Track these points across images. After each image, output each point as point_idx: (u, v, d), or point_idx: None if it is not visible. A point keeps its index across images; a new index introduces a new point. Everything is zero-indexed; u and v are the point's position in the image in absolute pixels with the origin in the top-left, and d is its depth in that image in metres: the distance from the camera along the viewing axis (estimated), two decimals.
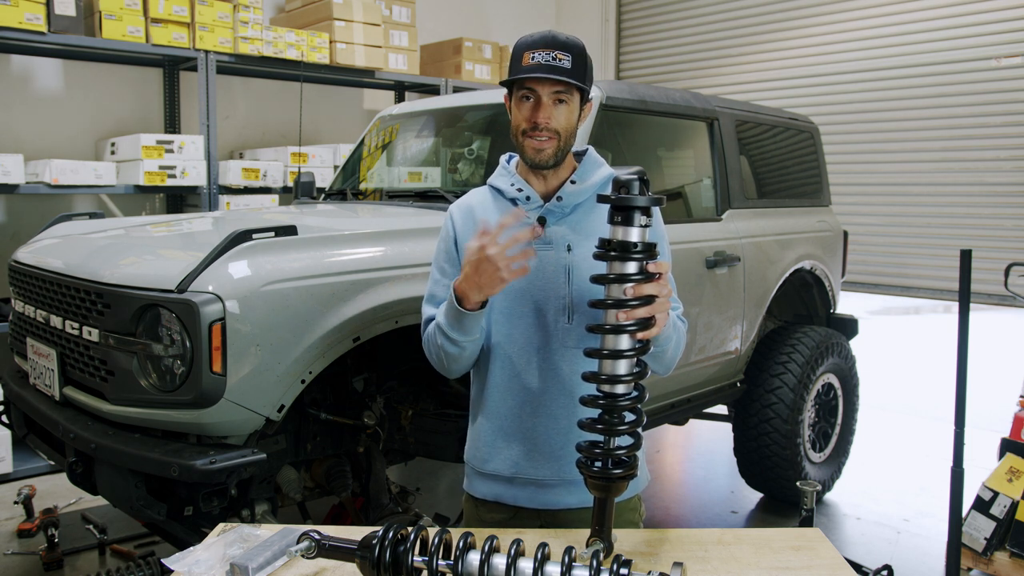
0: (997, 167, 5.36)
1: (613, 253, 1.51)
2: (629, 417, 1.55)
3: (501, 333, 1.83)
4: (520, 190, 1.84)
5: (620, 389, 1.55)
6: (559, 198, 1.82)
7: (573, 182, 1.84)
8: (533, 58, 1.74)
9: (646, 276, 1.52)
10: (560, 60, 1.73)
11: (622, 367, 1.53)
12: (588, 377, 1.58)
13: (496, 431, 1.86)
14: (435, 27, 6.91)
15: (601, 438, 1.55)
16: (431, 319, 1.84)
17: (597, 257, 1.57)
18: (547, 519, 1.86)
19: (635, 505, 1.93)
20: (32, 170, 4.52)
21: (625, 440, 1.58)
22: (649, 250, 1.52)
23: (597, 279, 1.56)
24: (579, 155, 1.91)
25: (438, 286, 1.88)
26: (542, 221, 1.82)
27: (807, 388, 4.05)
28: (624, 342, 1.54)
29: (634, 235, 1.50)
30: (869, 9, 5.91)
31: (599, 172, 1.87)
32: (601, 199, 1.55)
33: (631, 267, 1.52)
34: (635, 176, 1.49)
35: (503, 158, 1.94)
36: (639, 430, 1.60)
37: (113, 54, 4.97)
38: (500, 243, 1.59)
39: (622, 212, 1.50)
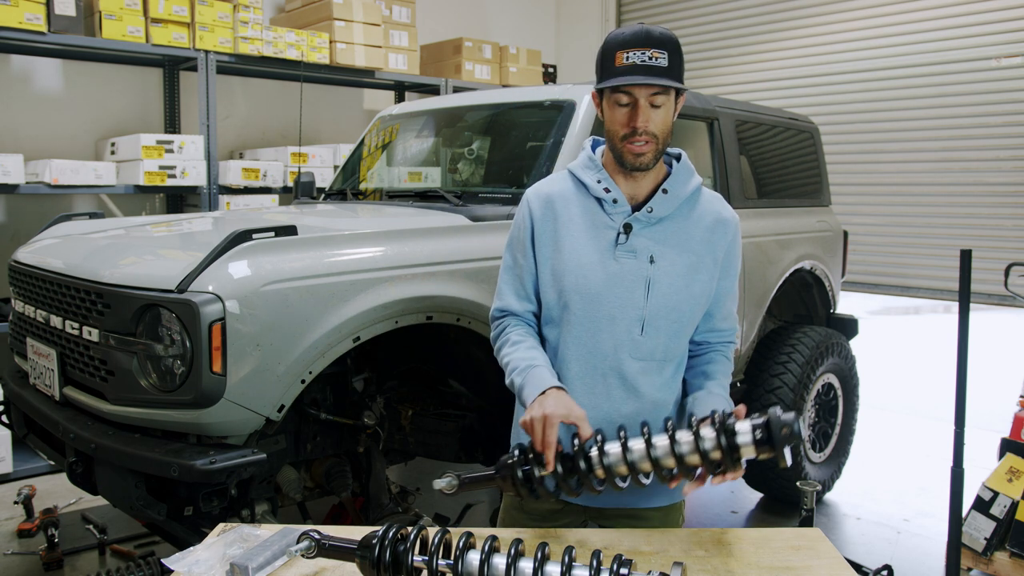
0: (997, 167, 5.36)
1: (723, 444, 1.48)
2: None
3: (570, 335, 1.79)
4: (608, 190, 1.77)
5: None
6: (650, 209, 1.76)
7: (665, 191, 1.77)
8: (627, 58, 1.66)
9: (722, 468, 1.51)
10: (656, 59, 1.66)
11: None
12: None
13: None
14: (435, 27, 6.91)
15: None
16: (501, 316, 1.86)
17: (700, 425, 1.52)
18: (592, 515, 1.89)
19: (680, 511, 1.99)
20: (32, 170, 4.52)
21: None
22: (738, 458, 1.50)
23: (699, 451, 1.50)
24: (671, 156, 1.85)
25: (508, 278, 1.86)
26: (627, 228, 1.76)
27: (807, 388, 4.05)
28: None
29: (750, 451, 1.48)
30: (869, 9, 5.91)
31: (691, 182, 1.81)
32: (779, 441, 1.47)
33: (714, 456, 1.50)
34: (793, 416, 1.46)
35: (587, 143, 1.86)
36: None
37: (113, 54, 4.97)
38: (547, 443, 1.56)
39: (769, 439, 1.47)
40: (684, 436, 1.51)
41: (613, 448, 1.55)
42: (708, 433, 1.49)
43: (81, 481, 2.45)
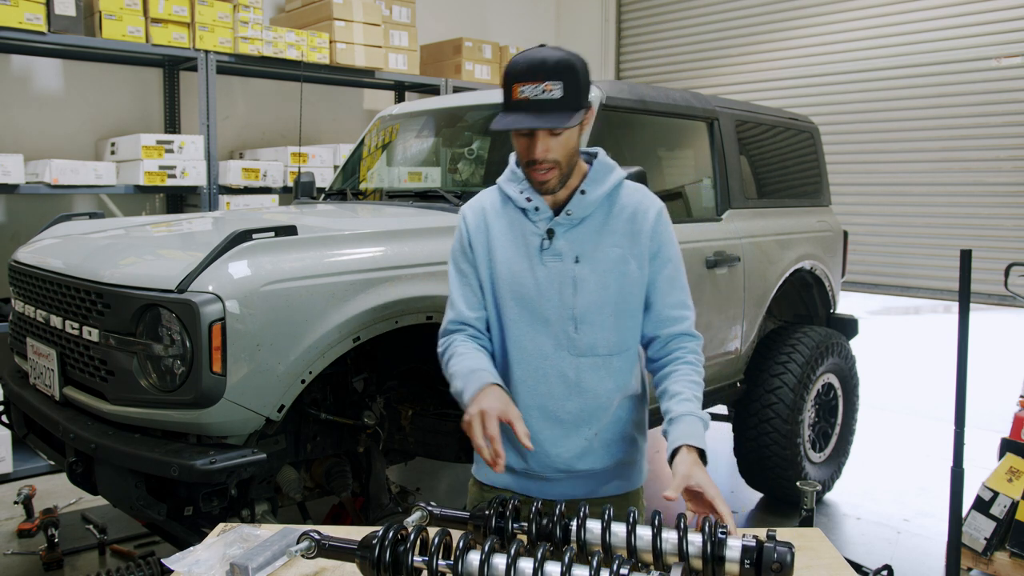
0: (997, 167, 5.36)
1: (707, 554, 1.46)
2: None
3: (511, 339, 1.87)
4: (529, 200, 1.83)
5: None
6: (568, 212, 1.82)
7: (583, 192, 1.82)
8: (522, 92, 1.69)
9: None
10: (550, 91, 1.67)
11: None
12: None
13: (506, 429, 1.84)
14: (435, 27, 6.91)
15: None
16: (451, 331, 1.90)
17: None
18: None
19: (638, 498, 1.99)
20: (32, 170, 4.52)
21: None
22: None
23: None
24: (590, 155, 1.88)
25: (457, 290, 1.91)
26: (551, 233, 1.82)
27: (807, 388, 4.05)
28: None
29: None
30: (869, 9, 5.91)
31: (610, 179, 1.85)
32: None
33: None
34: (788, 550, 1.44)
35: (512, 158, 1.91)
36: None
37: (113, 54, 4.97)
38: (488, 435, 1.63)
39: (757, 565, 1.44)
40: (670, 536, 1.48)
41: (594, 526, 1.52)
42: (696, 539, 1.46)
43: (81, 481, 2.45)
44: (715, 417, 4.55)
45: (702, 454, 1.74)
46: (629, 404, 1.94)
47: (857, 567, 3.16)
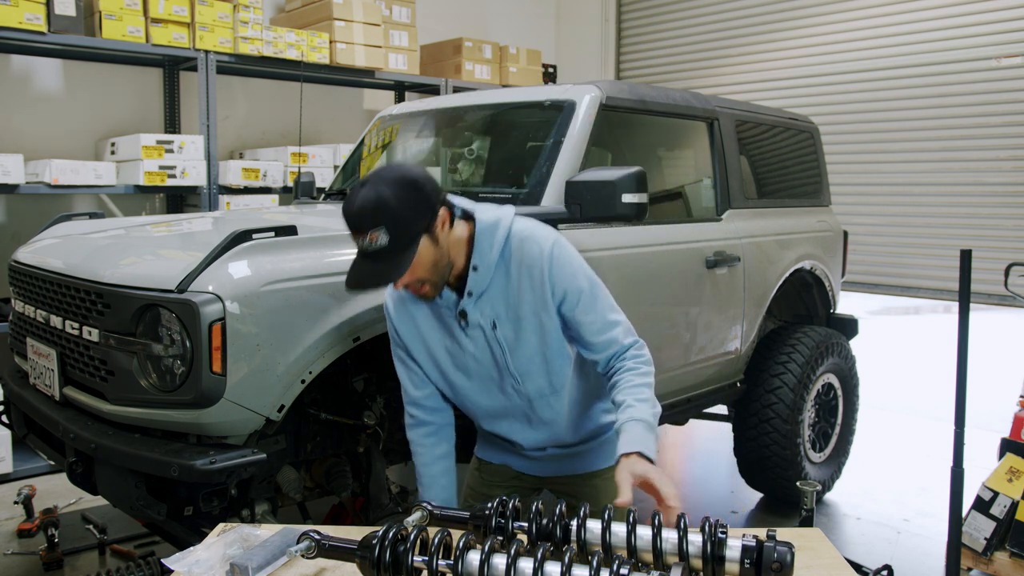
0: (997, 167, 5.36)
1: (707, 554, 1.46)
2: None
3: (467, 400, 2.08)
4: (440, 298, 1.93)
5: None
6: (469, 292, 1.90)
7: (475, 268, 1.89)
8: (357, 242, 1.76)
9: None
10: (376, 240, 1.72)
11: None
12: None
13: (491, 443, 2.21)
14: (435, 27, 6.91)
15: None
16: (411, 424, 2.14)
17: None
18: (547, 483, 2.20)
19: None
20: (32, 170, 4.52)
21: None
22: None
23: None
24: (468, 215, 1.91)
25: (403, 373, 2.14)
26: (463, 314, 1.93)
27: (807, 388, 4.05)
28: None
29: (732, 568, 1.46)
30: (869, 9, 5.91)
31: (496, 240, 1.88)
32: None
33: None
34: (788, 550, 1.44)
35: None
36: None
37: (113, 54, 4.97)
38: None
39: (756, 565, 1.44)
40: (670, 535, 1.49)
41: (594, 526, 1.54)
42: (696, 539, 1.47)
43: (81, 481, 2.45)
44: (715, 417, 4.56)
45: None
46: (580, 397, 2.10)
47: (857, 567, 3.16)
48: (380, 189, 1.72)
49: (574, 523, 1.54)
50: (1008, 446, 3.65)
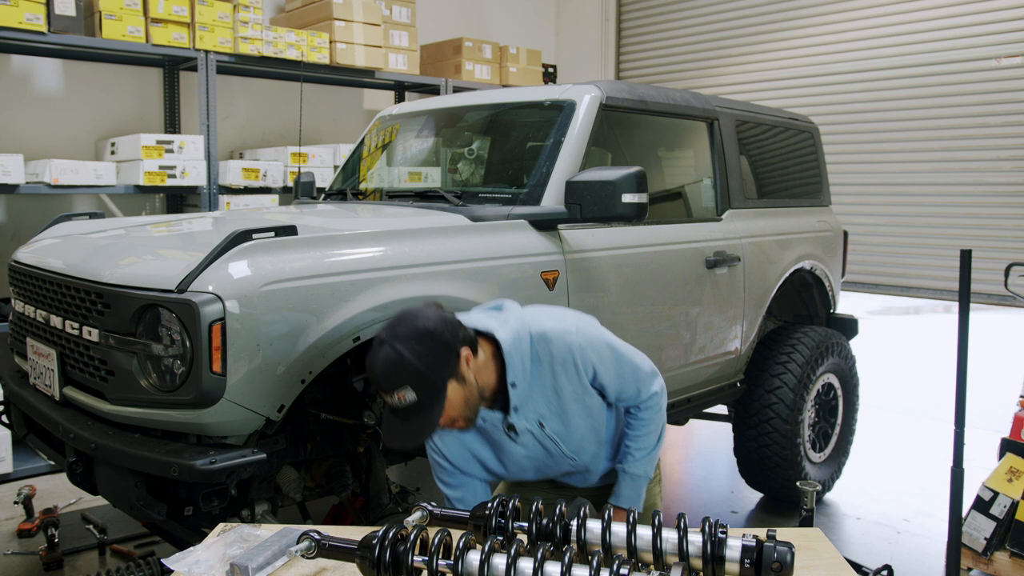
0: (997, 167, 5.36)
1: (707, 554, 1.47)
2: None
3: (524, 486, 2.23)
4: (483, 419, 2.00)
5: None
6: (515, 408, 1.97)
7: (514, 385, 1.95)
8: (386, 400, 1.81)
9: None
10: (403, 399, 1.77)
11: None
12: None
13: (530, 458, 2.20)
14: (435, 27, 6.91)
15: None
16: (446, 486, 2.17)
17: None
18: (585, 493, 2.24)
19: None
20: (32, 170, 4.52)
21: None
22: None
23: None
24: (488, 338, 1.96)
25: (449, 482, 2.13)
26: (511, 428, 2.00)
27: (807, 388, 4.05)
28: None
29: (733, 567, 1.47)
30: (869, 9, 5.91)
31: (524, 353, 1.96)
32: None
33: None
34: (788, 550, 1.45)
35: None
36: None
37: (113, 54, 4.97)
38: None
39: (756, 565, 1.45)
40: (670, 535, 1.50)
41: (595, 526, 1.55)
42: (696, 539, 1.48)
43: (81, 481, 2.45)
44: (715, 417, 4.56)
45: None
46: (616, 431, 2.22)
47: (857, 567, 3.16)
48: (398, 348, 1.76)
49: (574, 523, 1.54)
50: (1008, 446, 3.65)
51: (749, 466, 4.18)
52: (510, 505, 1.60)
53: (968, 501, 3.37)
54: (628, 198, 2.78)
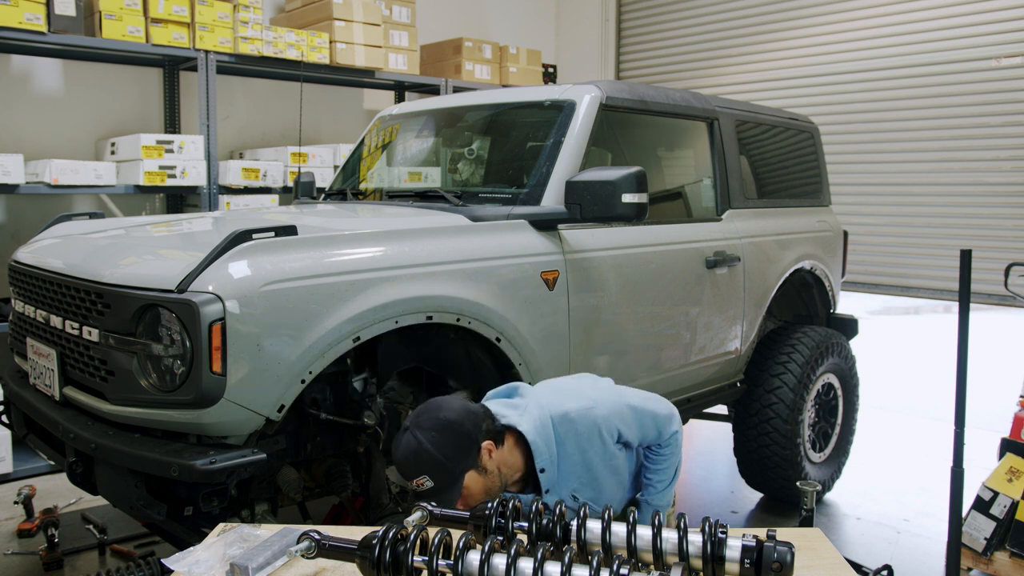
0: (997, 167, 5.36)
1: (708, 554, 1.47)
2: None
3: None
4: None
5: None
6: (547, 490, 2.02)
7: (543, 470, 2.01)
8: (408, 486, 1.88)
9: None
10: (422, 485, 1.84)
11: None
12: None
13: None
14: (435, 27, 6.91)
15: None
16: None
17: None
18: None
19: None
20: (32, 170, 4.52)
21: None
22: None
23: None
24: (512, 431, 2.01)
25: None
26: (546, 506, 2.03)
27: (807, 388, 4.05)
28: None
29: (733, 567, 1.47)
30: (869, 9, 5.91)
31: (549, 437, 2.02)
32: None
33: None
34: (788, 550, 1.45)
35: None
36: None
37: (113, 54, 4.97)
38: None
39: (756, 565, 1.45)
40: (670, 535, 1.50)
41: (595, 526, 1.56)
42: (696, 539, 1.48)
43: (81, 481, 2.45)
44: (715, 417, 4.56)
45: None
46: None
47: (857, 567, 3.16)
48: (419, 437, 1.85)
49: (574, 523, 1.54)
50: (1008, 446, 3.65)
51: (749, 466, 4.18)
52: (510, 505, 1.60)
53: (968, 501, 3.37)
54: (628, 198, 2.78)
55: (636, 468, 2.26)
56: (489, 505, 1.60)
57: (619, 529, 1.52)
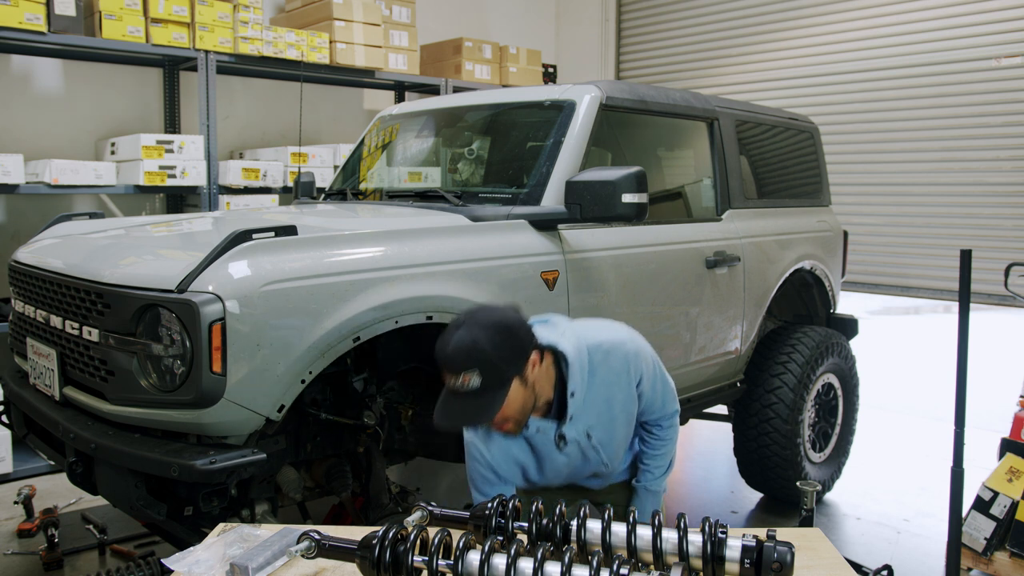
0: (997, 167, 5.36)
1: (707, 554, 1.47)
2: None
3: (549, 491, 2.22)
4: (527, 427, 2.02)
5: None
6: (571, 417, 2.02)
7: (573, 394, 2.01)
8: (448, 383, 1.85)
9: None
10: (468, 382, 1.79)
11: None
12: None
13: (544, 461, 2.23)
14: (435, 27, 6.91)
15: None
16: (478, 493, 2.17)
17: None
18: (591, 494, 2.31)
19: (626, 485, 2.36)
20: (32, 170, 4.52)
21: None
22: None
23: None
24: (553, 350, 2.01)
25: (484, 487, 2.12)
26: (562, 437, 2.04)
27: (807, 388, 4.05)
28: None
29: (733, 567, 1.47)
30: (869, 9, 5.91)
31: (584, 363, 2.02)
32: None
33: None
34: (788, 550, 1.46)
35: None
36: None
37: (113, 54, 4.97)
38: None
39: (756, 565, 1.45)
40: (670, 535, 1.50)
41: (595, 526, 1.56)
42: (696, 539, 1.49)
43: (81, 481, 2.45)
44: (715, 417, 4.56)
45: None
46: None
47: (857, 567, 3.16)
48: (475, 333, 1.80)
49: (574, 523, 1.55)
50: (1008, 446, 3.65)
51: (749, 466, 4.18)
52: (510, 505, 1.60)
53: (968, 501, 3.37)
54: (628, 198, 2.78)
55: (635, 438, 2.29)
56: (489, 505, 1.60)
57: (619, 529, 1.52)
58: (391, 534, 1.42)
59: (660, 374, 2.21)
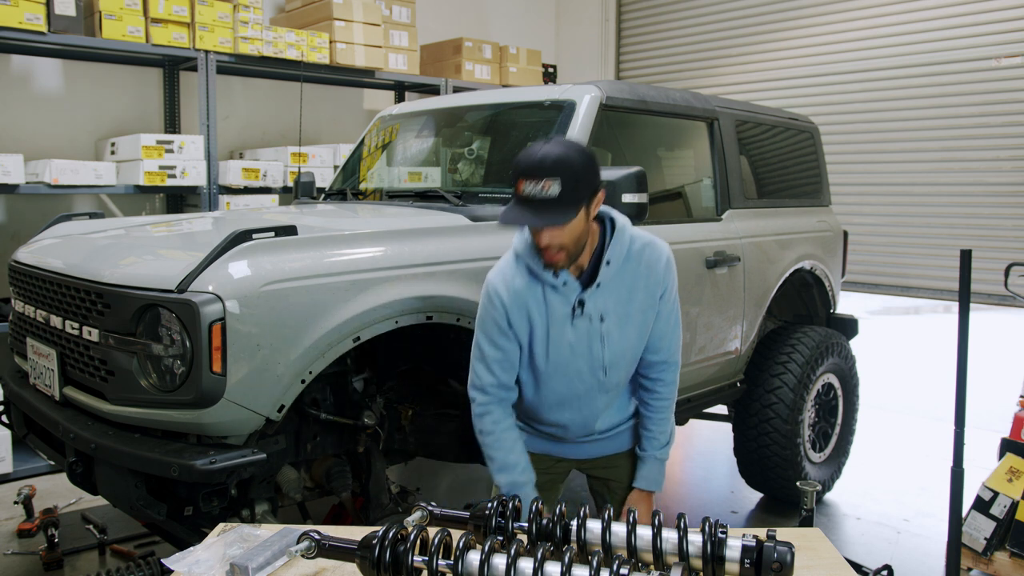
0: (997, 167, 5.36)
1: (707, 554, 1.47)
2: None
3: (548, 387, 2.15)
4: (556, 275, 2.02)
5: None
6: (598, 284, 2.03)
7: (608, 262, 2.02)
8: (525, 189, 1.87)
9: None
10: (547, 189, 1.84)
11: None
12: None
13: (539, 436, 2.30)
14: (435, 27, 6.91)
15: None
16: (488, 393, 2.14)
17: None
18: (578, 464, 2.35)
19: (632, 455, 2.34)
20: (32, 170, 4.52)
21: None
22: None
23: None
24: (605, 218, 2.07)
25: (495, 359, 2.11)
26: (581, 303, 2.04)
27: (807, 388, 4.05)
28: None
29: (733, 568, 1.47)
30: (869, 9, 5.91)
31: (626, 241, 2.06)
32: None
33: None
34: (788, 550, 1.46)
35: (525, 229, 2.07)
36: None
37: (113, 54, 4.97)
38: None
39: (756, 565, 1.45)
40: (670, 535, 1.50)
41: (595, 526, 1.56)
42: (696, 539, 1.49)
43: (81, 481, 2.45)
44: (715, 417, 4.56)
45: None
46: (626, 388, 2.29)
47: (857, 567, 3.16)
48: (567, 147, 1.88)
49: (574, 523, 1.55)
50: (1008, 446, 3.65)
51: (749, 466, 4.18)
52: (510, 505, 1.60)
53: (968, 501, 3.37)
54: (628, 198, 2.78)
55: (630, 385, 2.27)
56: (489, 505, 1.60)
57: (619, 529, 1.52)
58: (391, 534, 1.42)
59: (677, 311, 2.22)
